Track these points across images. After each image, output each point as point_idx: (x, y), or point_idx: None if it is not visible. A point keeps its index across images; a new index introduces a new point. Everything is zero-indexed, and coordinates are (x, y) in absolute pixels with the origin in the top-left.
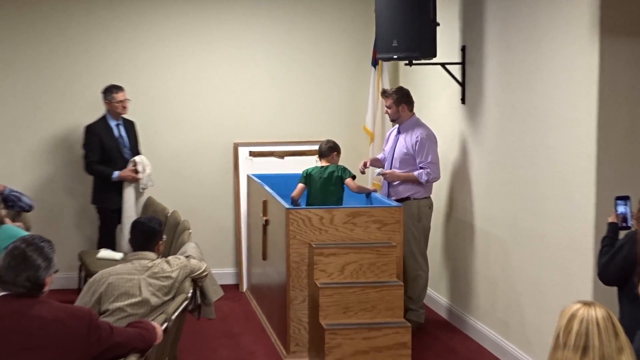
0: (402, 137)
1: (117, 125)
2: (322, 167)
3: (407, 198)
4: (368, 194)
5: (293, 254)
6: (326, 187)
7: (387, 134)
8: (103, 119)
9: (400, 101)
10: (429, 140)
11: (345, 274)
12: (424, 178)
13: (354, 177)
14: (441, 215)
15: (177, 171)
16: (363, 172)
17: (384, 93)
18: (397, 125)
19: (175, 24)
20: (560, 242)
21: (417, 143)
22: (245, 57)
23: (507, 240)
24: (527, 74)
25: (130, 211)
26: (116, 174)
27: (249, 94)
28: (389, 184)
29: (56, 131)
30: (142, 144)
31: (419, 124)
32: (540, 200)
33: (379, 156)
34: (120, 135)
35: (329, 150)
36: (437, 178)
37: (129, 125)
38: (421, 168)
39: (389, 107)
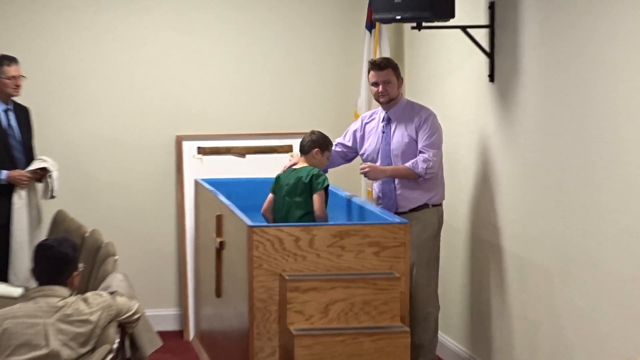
0: (395, 126)
1: (6, 111)
2: (294, 169)
3: (425, 205)
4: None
5: (258, 289)
6: (291, 197)
7: (358, 125)
8: None
9: (399, 73)
10: (436, 120)
11: (330, 316)
12: (421, 167)
13: (327, 189)
14: (458, 233)
15: (97, 176)
16: None
17: (378, 65)
18: (378, 113)
19: None
20: (623, 272)
21: (424, 121)
22: (193, 20)
23: (551, 269)
24: (580, 41)
25: (22, 234)
26: (5, 173)
27: (197, 70)
28: (395, 190)
29: None
30: (46, 139)
31: (417, 105)
32: (596, 215)
33: None
34: (10, 125)
35: (310, 145)
36: (435, 170)
37: (22, 113)
38: (420, 153)
39: (386, 83)
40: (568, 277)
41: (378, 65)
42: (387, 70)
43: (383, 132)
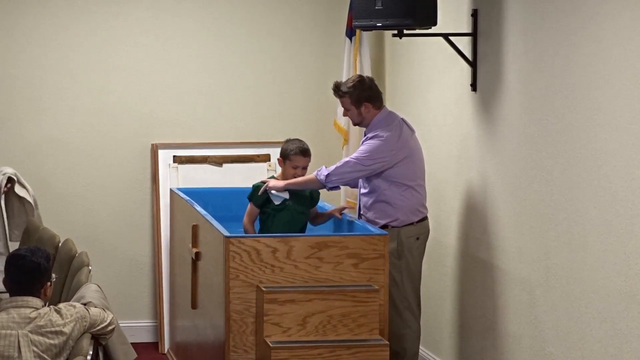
0: None
1: None
2: None
3: (384, 226)
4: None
5: (235, 300)
6: None
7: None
8: None
9: (361, 99)
10: (384, 142)
11: (308, 328)
12: (323, 173)
13: (255, 202)
14: (440, 246)
15: (70, 185)
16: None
17: (337, 90)
18: None
19: None
20: (607, 286)
21: (367, 139)
22: (169, 26)
23: (535, 284)
24: (564, 50)
25: None
26: None
27: (173, 77)
28: (359, 210)
29: None
30: (14, 147)
31: (385, 123)
32: (580, 228)
33: None
34: None
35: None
36: (340, 181)
37: None
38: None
39: (346, 109)
40: (550, 291)
41: (335, 92)
42: (343, 99)
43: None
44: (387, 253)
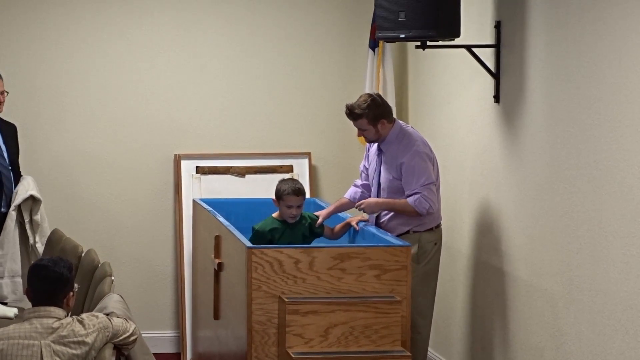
0: (385, 159)
1: None
2: None
3: (406, 232)
4: None
5: (257, 311)
6: None
7: (367, 146)
8: None
9: (378, 117)
10: (421, 156)
11: (330, 340)
12: (423, 206)
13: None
14: (461, 256)
15: (94, 195)
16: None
17: (351, 113)
18: None
19: None
20: (630, 299)
21: (407, 167)
22: (192, 34)
23: (557, 296)
24: (587, 61)
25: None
26: None
27: (196, 87)
28: (379, 219)
29: None
30: (39, 158)
31: (402, 136)
32: (604, 241)
33: (350, 194)
34: None
35: None
36: (435, 208)
37: (8, 131)
38: (415, 193)
39: (363, 130)
40: (573, 303)
41: (349, 115)
42: (359, 121)
43: (376, 161)
44: (410, 264)
